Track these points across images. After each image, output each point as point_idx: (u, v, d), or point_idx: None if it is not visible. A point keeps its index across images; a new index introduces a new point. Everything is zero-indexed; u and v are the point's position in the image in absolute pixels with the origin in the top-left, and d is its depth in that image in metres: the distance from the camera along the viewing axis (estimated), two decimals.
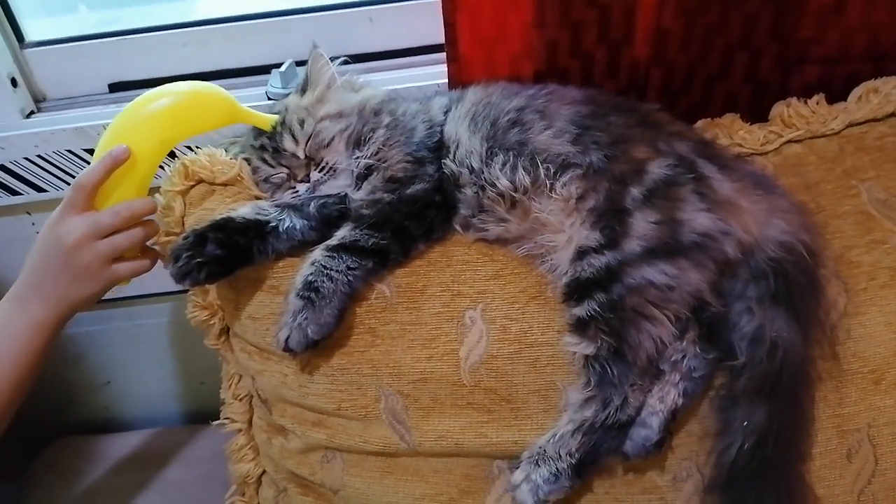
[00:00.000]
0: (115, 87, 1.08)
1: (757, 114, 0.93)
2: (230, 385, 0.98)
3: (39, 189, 1.05)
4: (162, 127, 0.81)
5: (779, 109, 0.90)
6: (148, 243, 0.86)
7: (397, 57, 1.05)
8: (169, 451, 1.17)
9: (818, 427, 0.78)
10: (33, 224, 1.12)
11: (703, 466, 0.78)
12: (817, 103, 0.89)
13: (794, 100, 0.90)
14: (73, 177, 1.03)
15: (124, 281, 0.84)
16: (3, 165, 1.02)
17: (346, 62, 0.94)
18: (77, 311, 0.83)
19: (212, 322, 0.92)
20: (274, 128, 0.88)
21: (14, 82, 1.03)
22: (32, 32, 1.06)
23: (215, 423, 0.99)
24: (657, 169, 0.77)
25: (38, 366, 0.83)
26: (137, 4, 1.13)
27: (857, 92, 0.89)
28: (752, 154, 0.88)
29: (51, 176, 1.04)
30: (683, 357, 0.75)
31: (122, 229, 0.80)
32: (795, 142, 0.88)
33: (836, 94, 0.91)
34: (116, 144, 0.79)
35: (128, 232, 0.81)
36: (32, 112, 1.06)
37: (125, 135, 0.80)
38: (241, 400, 0.97)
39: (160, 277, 1.14)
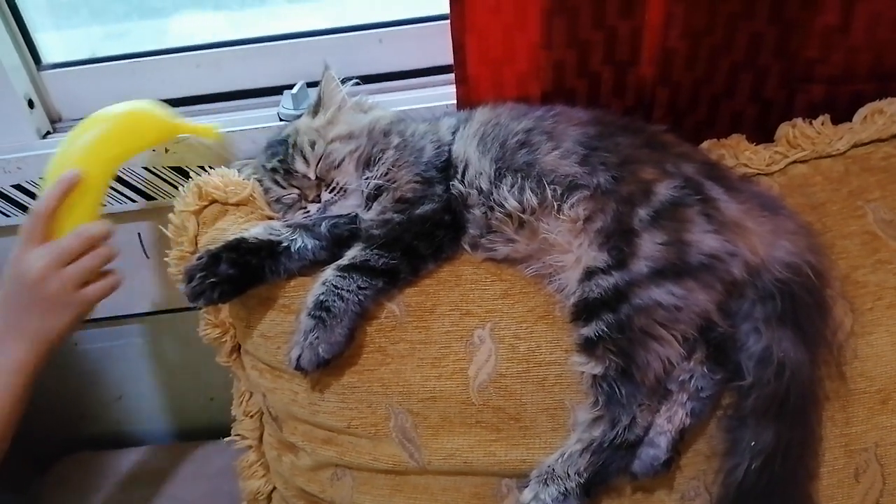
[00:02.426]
0: None
1: (763, 132, 0.94)
2: (241, 402, 0.99)
3: None
4: (105, 148, 0.85)
5: (784, 130, 0.91)
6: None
7: (407, 78, 1.07)
8: (180, 466, 1.18)
9: (826, 446, 0.78)
10: None
11: (711, 486, 0.78)
12: (822, 124, 0.90)
13: (799, 120, 0.91)
14: None
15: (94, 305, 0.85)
16: (19, 185, 1.04)
17: (357, 83, 0.95)
18: (55, 344, 0.83)
19: (224, 340, 0.93)
20: (284, 148, 0.90)
21: (31, 103, 1.05)
22: (44, 47, 1.08)
23: (227, 439, 1.00)
24: (664, 190, 0.77)
25: (19, 406, 0.82)
26: (146, 18, 1.15)
27: (862, 112, 0.90)
28: (758, 174, 0.89)
29: None
30: (691, 377, 0.76)
31: (83, 253, 0.81)
32: (801, 162, 0.89)
33: (841, 113, 0.92)
34: (62, 170, 0.81)
35: (91, 255, 0.82)
36: (49, 133, 1.08)
37: (72, 160, 0.83)
38: (251, 417, 0.98)
39: (171, 294, 1.16)
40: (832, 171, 0.88)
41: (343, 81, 0.93)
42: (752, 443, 0.73)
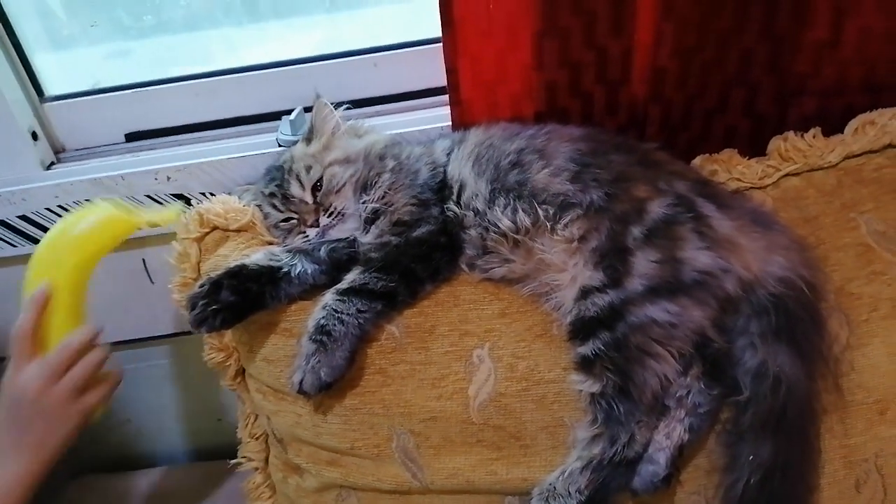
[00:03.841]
0: (131, 137, 1.12)
1: (756, 147, 0.95)
2: (246, 424, 1.00)
3: None
4: (72, 253, 0.87)
5: (776, 144, 0.92)
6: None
7: (402, 100, 1.08)
8: (187, 488, 1.19)
9: (826, 458, 0.79)
10: None
11: (712, 500, 0.79)
12: (814, 137, 0.91)
13: (791, 133, 0.92)
14: None
15: (99, 410, 0.88)
16: (24, 216, 1.06)
17: (349, 108, 0.97)
18: (58, 452, 0.85)
19: (228, 363, 0.95)
20: (281, 174, 0.91)
21: (35, 136, 1.07)
22: (44, 71, 1.10)
23: (233, 462, 1.01)
24: (657, 208, 0.78)
25: None
26: (145, 37, 1.17)
27: (853, 124, 0.91)
28: (751, 188, 0.90)
29: None
30: (688, 393, 0.76)
31: (74, 362, 0.83)
32: (794, 175, 0.90)
33: (834, 126, 0.92)
34: (36, 286, 0.84)
35: (81, 363, 0.84)
36: (52, 164, 1.10)
37: (43, 272, 0.86)
38: (257, 439, 0.99)
39: (177, 319, 1.18)
40: (825, 184, 0.88)
41: (336, 106, 0.95)
42: (751, 457, 0.74)
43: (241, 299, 0.83)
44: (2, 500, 0.82)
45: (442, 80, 0.95)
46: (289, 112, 1.02)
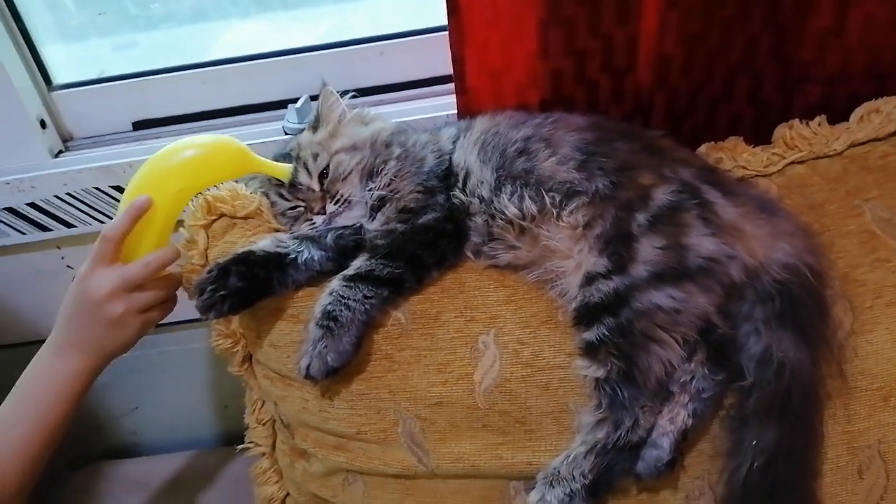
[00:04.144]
0: (138, 125, 1.12)
1: (761, 134, 0.95)
2: (254, 410, 1.01)
3: (69, 225, 1.10)
4: (181, 178, 0.84)
5: (781, 131, 0.92)
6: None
7: (408, 89, 1.08)
8: (195, 474, 1.20)
9: (829, 444, 0.79)
10: (62, 258, 1.17)
11: (716, 485, 0.79)
12: (819, 124, 0.91)
13: (796, 121, 0.92)
14: (100, 212, 1.08)
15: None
16: (33, 203, 1.07)
17: (354, 96, 0.97)
18: (112, 357, 0.87)
19: (235, 350, 0.95)
20: (288, 162, 0.92)
21: (43, 124, 1.08)
22: (53, 61, 1.10)
23: (240, 447, 1.02)
24: (662, 195, 0.79)
25: (74, 412, 0.86)
26: (153, 29, 1.18)
27: (858, 112, 0.91)
28: (757, 176, 0.90)
29: (79, 212, 1.09)
30: (692, 378, 0.77)
31: (149, 280, 0.84)
32: (799, 163, 0.90)
33: (839, 113, 0.92)
34: (137, 195, 0.82)
35: (161, 284, 0.86)
36: (61, 151, 1.11)
37: (147, 187, 0.83)
38: (264, 424, 1.00)
39: (184, 306, 1.18)
40: (830, 171, 0.89)
41: (342, 94, 0.95)
42: (755, 442, 0.74)
43: (248, 285, 0.83)
44: (60, 392, 0.84)
45: (448, 69, 0.96)
46: (295, 100, 1.02)
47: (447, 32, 0.92)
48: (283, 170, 0.91)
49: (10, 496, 0.83)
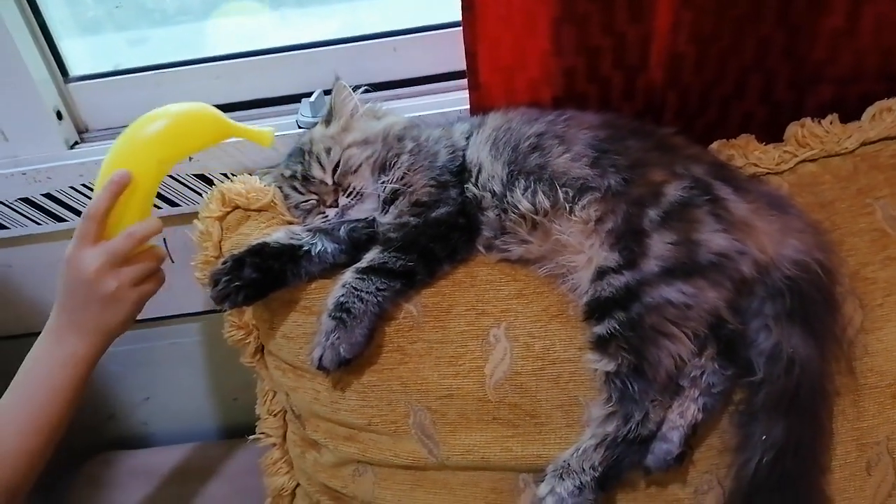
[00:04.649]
0: None
1: (772, 133, 0.95)
2: (265, 401, 1.02)
3: None
4: (159, 148, 0.84)
5: (793, 130, 0.92)
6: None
7: (421, 84, 1.09)
8: (205, 465, 1.21)
9: (837, 440, 0.80)
10: None
11: (724, 479, 0.80)
12: (831, 123, 0.91)
13: (808, 120, 0.92)
14: None
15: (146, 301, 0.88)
16: (49, 194, 1.08)
17: (367, 91, 0.98)
18: (114, 336, 0.87)
19: (247, 341, 0.97)
20: (301, 156, 0.93)
21: (59, 115, 1.09)
22: (68, 53, 1.11)
23: (251, 437, 1.03)
24: (674, 191, 0.79)
25: (78, 396, 0.86)
26: (167, 23, 1.19)
27: (870, 111, 0.91)
28: (768, 174, 0.91)
29: None
30: (702, 373, 0.77)
31: (135, 252, 0.84)
32: (810, 161, 0.90)
33: (851, 113, 0.93)
34: (114, 170, 0.81)
35: (148, 255, 0.85)
36: (76, 143, 1.12)
37: (124, 160, 0.83)
38: (275, 415, 1.01)
39: (196, 297, 1.20)
40: (841, 170, 0.89)
41: (355, 89, 0.96)
42: (764, 437, 0.75)
43: (262, 276, 0.84)
44: (63, 377, 0.84)
45: (460, 65, 0.96)
46: (309, 94, 1.03)
47: (460, 28, 0.92)
48: (262, 134, 0.91)
49: (18, 483, 0.83)
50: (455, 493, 0.88)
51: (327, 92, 0.99)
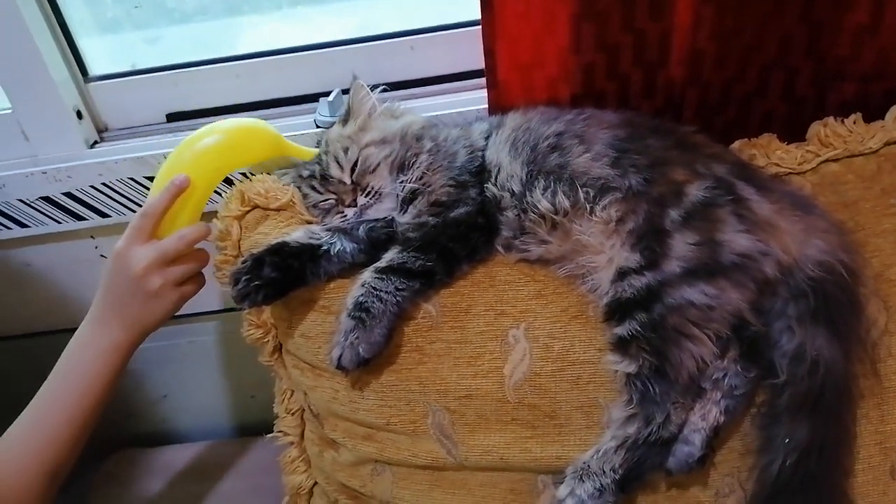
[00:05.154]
0: (172, 117, 1.14)
1: (794, 131, 0.94)
2: (283, 400, 1.02)
3: (103, 214, 1.12)
4: (216, 158, 0.88)
5: (816, 129, 0.91)
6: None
7: (438, 83, 1.09)
8: (223, 463, 1.22)
9: (861, 444, 0.79)
10: (96, 247, 1.19)
11: (746, 482, 0.79)
12: (854, 122, 0.90)
13: (830, 119, 0.91)
14: (135, 202, 1.10)
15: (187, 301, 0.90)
16: (69, 193, 1.09)
17: (385, 90, 0.98)
18: (151, 330, 0.90)
19: (266, 340, 0.97)
20: (319, 157, 0.93)
21: (79, 115, 1.10)
22: (88, 53, 1.12)
23: (269, 436, 1.03)
24: (696, 191, 0.78)
25: (115, 384, 0.89)
26: (186, 22, 1.20)
27: (894, 110, 0.90)
28: (790, 173, 0.89)
29: (114, 202, 1.10)
30: (725, 375, 0.77)
31: (184, 254, 0.86)
32: (833, 161, 0.89)
33: (874, 111, 0.91)
34: (173, 174, 0.85)
35: (194, 258, 0.88)
36: (96, 142, 1.13)
37: (183, 166, 0.87)
38: (293, 414, 1.01)
39: (214, 296, 1.20)
40: (864, 170, 0.88)
41: (372, 88, 0.96)
42: (787, 440, 0.74)
43: (282, 275, 0.84)
44: (103, 364, 0.87)
45: (478, 63, 0.96)
46: (327, 94, 1.03)
47: (477, 27, 0.92)
48: (313, 154, 0.94)
49: (62, 467, 0.87)
50: (473, 494, 0.88)
51: (346, 91, 0.99)
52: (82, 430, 0.87)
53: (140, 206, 1.08)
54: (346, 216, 0.90)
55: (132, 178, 1.07)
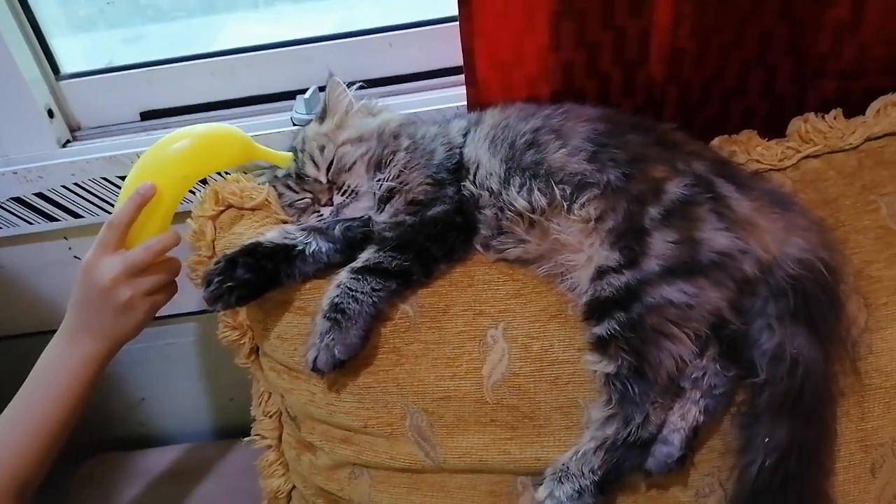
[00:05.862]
0: (146, 116, 1.12)
1: (774, 129, 0.93)
2: (260, 402, 1.00)
3: (76, 215, 1.10)
4: (184, 164, 0.86)
5: (796, 125, 0.91)
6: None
7: (417, 80, 1.08)
8: (201, 466, 1.21)
9: (841, 442, 0.78)
10: (70, 248, 1.17)
11: (726, 482, 0.79)
12: (835, 118, 0.90)
13: (811, 115, 0.90)
14: (108, 202, 1.08)
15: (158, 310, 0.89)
16: (41, 193, 1.07)
17: (362, 87, 0.97)
18: (124, 342, 0.88)
19: (242, 342, 0.95)
20: (295, 154, 0.92)
21: (51, 113, 1.08)
22: (60, 51, 1.10)
23: (246, 439, 1.02)
24: (675, 189, 0.78)
25: (87, 396, 0.88)
26: (161, 20, 1.18)
27: (875, 106, 0.90)
28: (771, 170, 0.89)
29: (86, 202, 1.08)
30: (704, 374, 0.76)
31: (153, 264, 0.85)
32: (814, 157, 0.89)
33: (854, 108, 0.91)
34: (139, 182, 0.83)
35: (164, 267, 0.86)
36: (68, 141, 1.11)
37: (150, 173, 0.84)
38: (270, 417, 1.00)
39: (191, 297, 1.18)
40: (845, 166, 0.87)
41: (349, 85, 0.94)
42: (767, 439, 0.73)
43: (256, 277, 0.83)
44: (74, 378, 0.86)
45: (457, 60, 0.95)
46: (304, 91, 1.02)
47: (456, 24, 0.91)
48: (284, 157, 0.92)
49: (31, 479, 0.85)
50: (452, 496, 0.87)
51: (322, 88, 0.98)
52: (53, 444, 0.86)
53: (114, 206, 1.07)
54: (322, 215, 0.88)
55: (105, 178, 1.05)
